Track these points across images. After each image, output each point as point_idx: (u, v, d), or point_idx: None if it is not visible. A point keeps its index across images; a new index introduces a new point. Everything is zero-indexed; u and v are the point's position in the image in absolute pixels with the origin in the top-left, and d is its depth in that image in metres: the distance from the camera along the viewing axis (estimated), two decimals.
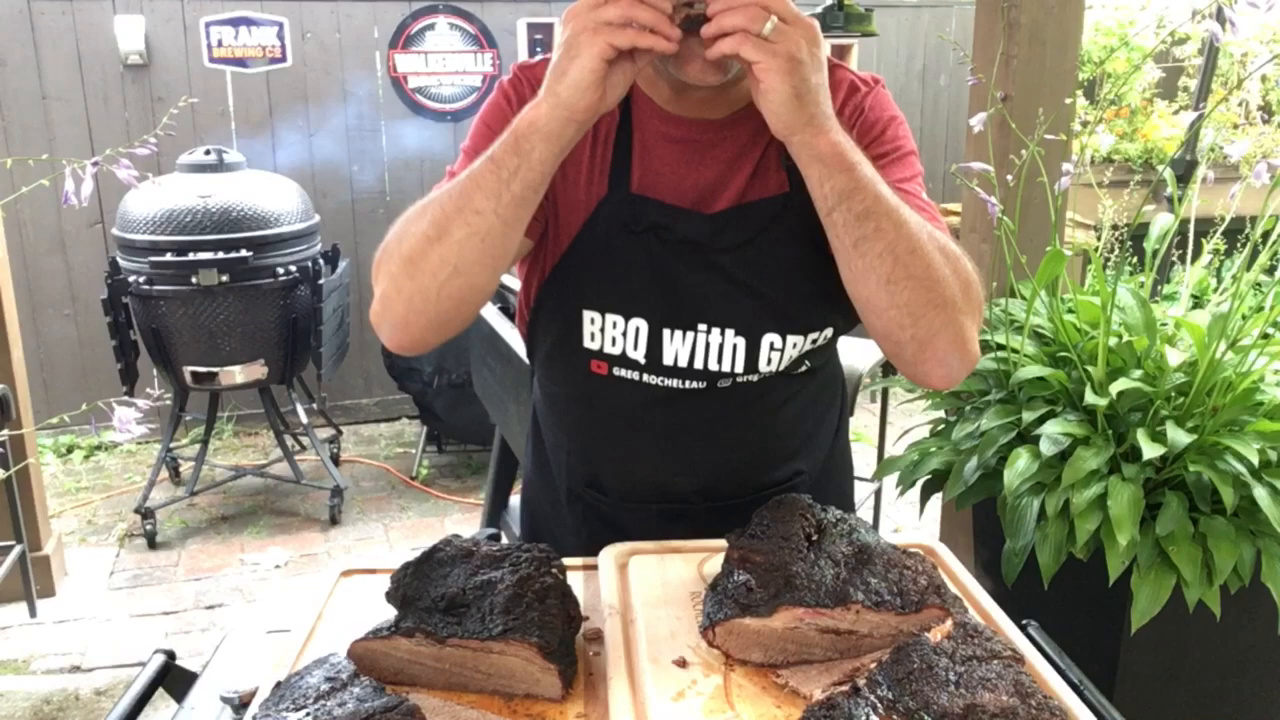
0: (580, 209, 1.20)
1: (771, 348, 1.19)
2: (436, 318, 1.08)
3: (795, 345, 1.20)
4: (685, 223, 1.17)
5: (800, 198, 1.09)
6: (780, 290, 1.17)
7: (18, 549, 3.06)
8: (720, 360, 1.19)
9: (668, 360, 1.19)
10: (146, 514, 3.70)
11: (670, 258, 1.17)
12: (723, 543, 1.08)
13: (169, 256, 3.51)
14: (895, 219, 1.02)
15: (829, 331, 1.24)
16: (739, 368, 1.20)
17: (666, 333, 1.18)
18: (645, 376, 1.21)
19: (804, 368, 1.25)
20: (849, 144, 1.02)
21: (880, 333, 1.09)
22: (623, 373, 1.21)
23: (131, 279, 3.54)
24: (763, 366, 1.20)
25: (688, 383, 1.21)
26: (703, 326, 1.18)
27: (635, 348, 1.19)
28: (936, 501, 2.15)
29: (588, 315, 1.20)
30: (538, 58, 1.21)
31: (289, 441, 4.17)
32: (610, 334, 1.19)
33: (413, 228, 1.07)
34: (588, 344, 1.21)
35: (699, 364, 1.19)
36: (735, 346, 1.18)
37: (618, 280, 1.18)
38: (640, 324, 1.18)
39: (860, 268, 1.04)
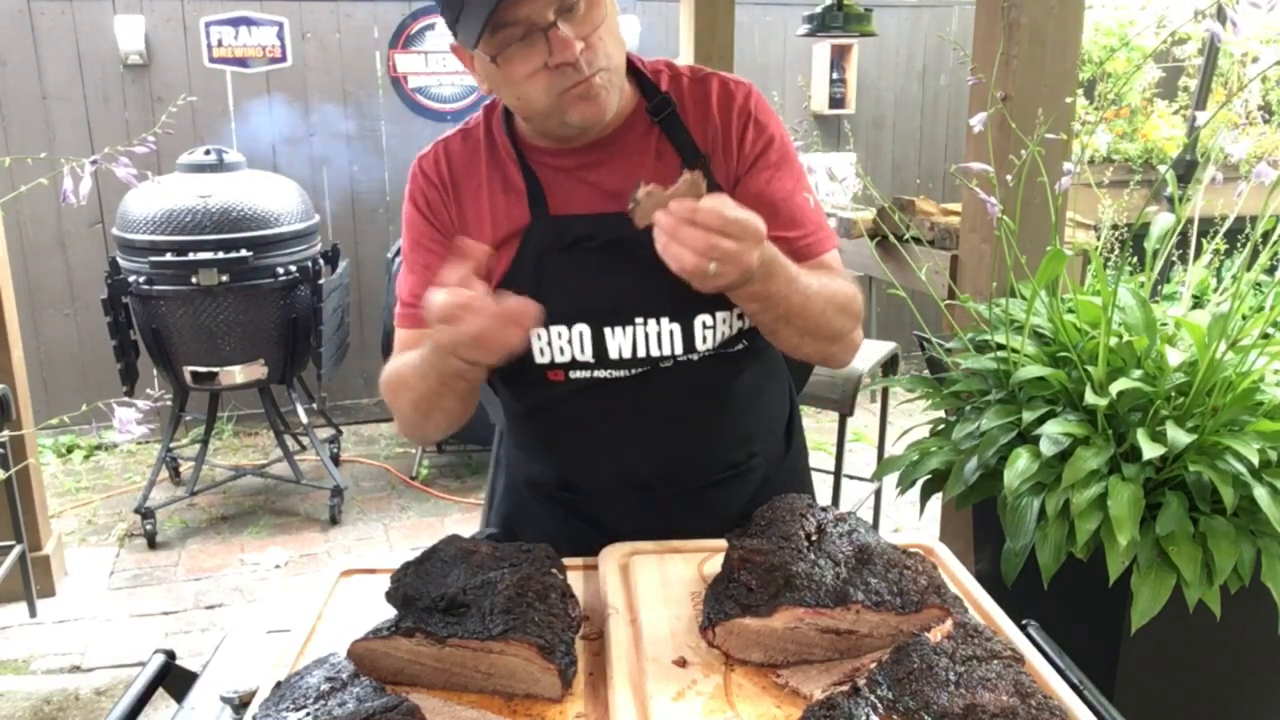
0: (506, 245, 1.29)
1: (704, 326, 1.29)
2: (447, 434, 1.33)
3: (725, 321, 1.30)
4: (607, 226, 1.27)
5: (709, 183, 1.15)
6: None
7: (18, 549, 3.06)
8: (660, 345, 1.29)
9: (613, 354, 1.29)
10: (146, 514, 3.70)
11: (599, 263, 1.28)
12: (723, 543, 1.08)
13: (169, 256, 3.51)
14: (802, 311, 1.20)
15: None
16: (678, 350, 1.29)
17: (608, 330, 1.28)
18: (596, 373, 1.31)
19: (741, 345, 1.34)
20: (764, 280, 1.11)
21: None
22: (578, 374, 1.31)
23: (131, 279, 3.54)
24: (699, 345, 1.30)
25: (634, 370, 1.30)
26: (639, 319, 1.28)
27: (583, 351, 1.29)
28: (936, 501, 2.15)
29: (532, 334, 1.27)
30: (428, 145, 1.37)
31: (289, 441, 4.17)
32: (557, 344, 1.29)
33: (400, 404, 1.29)
34: (538, 359, 1.30)
35: (641, 352, 1.29)
36: (671, 332, 1.29)
37: (555, 295, 1.24)
38: (583, 328, 1.28)
39: (772, 337, 1.27)
